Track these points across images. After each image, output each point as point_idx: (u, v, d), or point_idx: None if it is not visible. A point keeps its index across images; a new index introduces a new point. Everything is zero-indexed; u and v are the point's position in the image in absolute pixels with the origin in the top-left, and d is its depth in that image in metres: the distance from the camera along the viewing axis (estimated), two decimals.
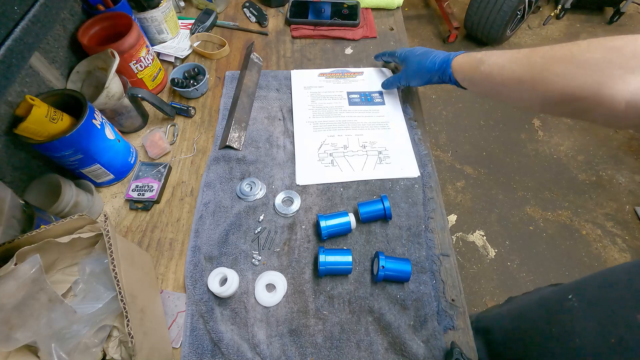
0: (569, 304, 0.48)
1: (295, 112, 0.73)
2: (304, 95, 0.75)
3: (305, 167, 0.66)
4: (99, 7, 0.68)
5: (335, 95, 0.76)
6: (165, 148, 0.67)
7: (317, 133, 0.70)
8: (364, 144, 0.69)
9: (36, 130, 0.49)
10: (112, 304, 0.44)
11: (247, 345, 0.49)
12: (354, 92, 0.76)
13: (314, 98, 0.75)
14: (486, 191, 1.63)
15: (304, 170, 0.65)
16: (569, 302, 0.48)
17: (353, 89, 0.76)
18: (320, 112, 0.73)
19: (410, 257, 0.56)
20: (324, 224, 0.55)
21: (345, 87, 0.77)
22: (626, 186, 1.65)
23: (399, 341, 0.49)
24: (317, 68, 0.81)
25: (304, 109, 0.73)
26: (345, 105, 0.74)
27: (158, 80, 0.76)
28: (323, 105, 0.74)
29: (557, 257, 1.45)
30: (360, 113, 0.73)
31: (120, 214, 0.61)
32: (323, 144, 0.69)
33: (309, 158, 0.67)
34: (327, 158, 0.67)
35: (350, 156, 0.67)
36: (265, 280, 0.54)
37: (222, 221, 0.59)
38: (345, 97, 0.75)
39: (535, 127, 1.87)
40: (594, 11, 2.44)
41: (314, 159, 0.67)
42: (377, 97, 0.75)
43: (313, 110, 0.73)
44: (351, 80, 0.78)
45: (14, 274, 0.38)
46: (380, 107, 0.74)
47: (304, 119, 0.72)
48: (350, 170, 0.65)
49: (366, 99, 0.75)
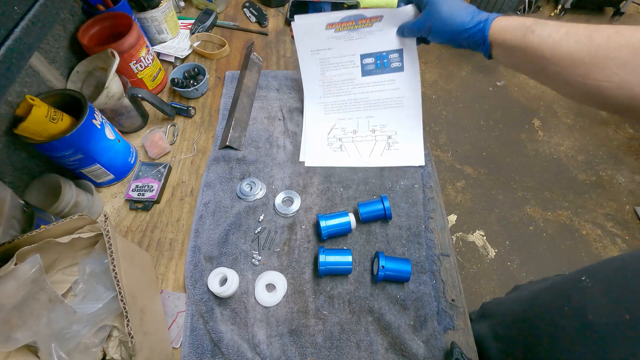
0: (582, 284, 0.48)
1: (306, 88, 0.69)
2: (312, 63, 0.66)
3: (314, 149, 0.66)
4: (99, 7, 0.68)
5: (347, 61, 0.65)
6: (165, 148, 0.67)
7: (328, 115, 0.69)
8: (374, 128, 0.67)
9: (36, 130, 0.49)
10: (112, 304, 0.44)
11: (247, 345, 0.49)
12: (369, 55, 0.64)
13: (324, 68, 0.66)
14: (486, 191, 1.63)
15: (312, 152, 0.66)
16: (582, 282, 0.48)
17: (369, 46, 0.63)
18: (332, 89, 0.67)
19: (410, 257, 0.56)
20: (324, 224, 0.55)
21: (358, 44, 0.63)
22: (626, 186, 1.65)
23: (399, 341, 0.49)
24: None
25: (315, 84, 0.68)
26: (358, 77, 0.66)
27: (158, 80, 0.76)
28: (334, 78, 0.67)
29: (557, 257, 1.45)
30: (374, 86, 0.66)
31: (120, 214, 0.61)
32: (333, 128, 0.68)
33: (318, 141, 0.67)
34: (336, 143, 0.67)
35: (359, 141, 0.67)
36: (265, 280, 0.54)
37: (222, 221, 0.59)
38: (358, 63, 0.65)
39: (535, 127, 1.87)
40: (594, 11, 2.44)
41: (323, 143, 0.67)
42: (396, 59, 0.63)
43: (324, 86, 0.68)
44: (367, 32, 0.62)
45: (14, 274, 0.38)
46: (398, 75, 0.64)
47: (315, 99, 0.69)
48: (357, 156, 0.66)
49: (382, 64, 0.64)
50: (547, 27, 0.42)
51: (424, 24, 0.54)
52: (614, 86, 0.36)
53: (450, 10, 0.50)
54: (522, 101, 1.98)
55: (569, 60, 0.39)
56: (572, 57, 0.39)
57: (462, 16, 0.49)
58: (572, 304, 0.48)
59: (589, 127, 1.87)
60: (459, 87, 2.04)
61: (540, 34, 0.42)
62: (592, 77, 0.38)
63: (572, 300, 0.48)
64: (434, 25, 0.52)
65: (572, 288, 0.50)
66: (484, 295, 1.35)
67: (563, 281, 0.54)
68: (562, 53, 0.40)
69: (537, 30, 0.42)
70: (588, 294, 0.46)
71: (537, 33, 0.42)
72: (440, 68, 2.12)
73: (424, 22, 0.54)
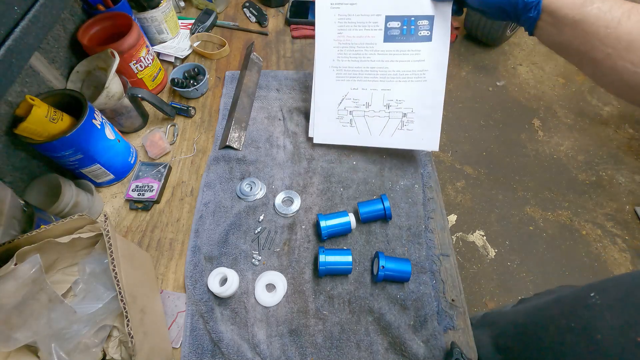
0: (591, 301, 0.46)
1: (318, 47, 0.62)
2: (330, 18, 0.60)
3: (323, 124, 0.63)
4: (99, 7, 0.68)
5: (369, 21, 0.59)
6: (165, 148, 0.67)
7: (339, 83, 0.62)
8: (389, 103, 0.61)
9: (36, 130, 0.49)
10: (112, 304, 0.44)
11: (247, 345, 0.49)
12: (396, 17, 0.58)
13: (342, 26, 0.60)
14: (486, 191, 1.63)
15: (321, 127, 0.63)
16: (591, 299, 0.46)
17: (397, 6, 0.57)
18: (347, 52, 0.61)
19: (410, 257, 0.56)
20: (324, 224, 0.55)
21: (386, 3, 0.58)
22: (626, 186, 1.65)
23: (399, 341, 0.49)
24: None
25: (329, 45, 0.61)
26: (379, 42, 0.59)
27: (158, 80, 0.76)
28: (352, 40, 0.60)
29: (557, 257, 1.45)
30: (395, 55, 0.59)
31: (120, 214, 0.61)
32: (344, 98, 0.62)
33: (327, 114, 0.63)
34: (347, 117, 0.63)
35: (371, 117, 0.62)
36: (265, 280, 0.54)
37: (222, 221, 0.59)
38: (382, 26, 0.58)
39: (535, 127, 1.87)
40: None
41: (333, 116, 0.64)
42: (425, 26, 0.57)
43: (339, 48, 0.61)
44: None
45: (14, 274, 0.38)
46: (424, 45, 0.58)
47: (327, 62, 0.62)
48: (367, 133, 0.63)
49: (409, 30, 0.58)
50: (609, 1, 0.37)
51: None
52: None
53: None
54: (522, 101, 1.98)
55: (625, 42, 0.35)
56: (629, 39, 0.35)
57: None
58: (579, 320, 0.46)
59: (589, 127, 1.87)
60: (459, 87, 2.04)
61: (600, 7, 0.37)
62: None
63: (580, 316, 0.47)
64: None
65: (580, 304, 0.48)
66: (484, 295, 1.35)
67: (571, 295, 0.53)
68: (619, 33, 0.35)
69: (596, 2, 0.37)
70: (597, 312, 0.45)
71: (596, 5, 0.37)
72: None
73: None
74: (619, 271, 1.42)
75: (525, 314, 0.60)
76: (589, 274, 1.41)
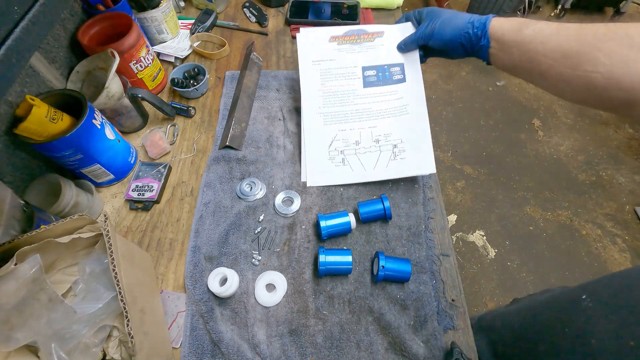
0: (584, 304, 0.46)
1: (304, 98, 0.65)
2: (312, 73, 0.66)
3: (315, 167, 0.63)
4: (99, 7, 0.68)
5: (348, 72, 0.65)
6: (165, 148, 0.67)
7: (328, 127, 0.64)
8: (378, 138, 0.63)
9: (36, 130, 0.49)
10: (112, 304, 0.44)
11: (247, 345, 0.49)
12: (371, 67, 0.64)
13: (325, 78, 0.65)
14: (486, 191, 1.63)
15: (314, 170, 0.63)
16: (583, 302, 0.46)
17: (370, 59, 0.65)
18: (332, 100, 0.65)
19: (410, 257, 0.56)
20: (324, 224, 0.55)
21: (361, 57, 0.65)
22: (626, 186, 1.65)
23: (399, 341, 0.49)
24: None
25: (314, 95, 0.65)
26: (359, 88, 0.64)
27: (158, 80, 0.76)
28: (334, 88, 0.65)
29: (557, 257, 1.45)
30: (376, 97, 0.64)
31: (120, 214, 0.61)
32: (334, 140, 0.64)
33: (319, 157, 0.64)
34: (338, 156, 0.63)
35: (363, 153, 0.63)
36: (265, 280, 0.54)
37: (222, 221, 0.59)
38: (360, 75, 0.65)
39: (535, 127, 1.87)
40: (594, 11, 2.45)
41: (324, 158, 0.64)
42: (397, 72, 0.64)
43: (324, 97, 0.65)
44: (368, 47, 0.65)
45: (14, 274, 0.38)
46: (400, 86, 0.64)
47: (314, 109, 0.65)
48: (361, 170, 0.63)
49: (384, 76, 0.64)
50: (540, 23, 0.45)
51: (424, 30, 0.57)
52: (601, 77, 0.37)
53: (451, 14, 0.54)
54: (522, 101, 1.98)
55: (559, 52, 0.41)
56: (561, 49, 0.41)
57: (463, 16, 0.53)
58: (573, 326, 0.46)
59: (589, 127, 1.87)
60: (459, 87, 2.04)
61: (534, 28, 0.45)
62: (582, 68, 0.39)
63: (574, 322, 0.46)
64: (434, 31, 0.55)
65: (572, 307, 0.48)
66: (484, 295, 1.36)
67: (563, 298, 0.53)
68: (552, 45, 0.42)
69: (531, 25, 0.45)
70: (590, 316, 0.45)
71: (531, 28, 0.45)
72: (440, 68, 2.12)
73: (425, 28, 0.57)
74: None
75: (519, 315, 0.60)
76: (589, 274, 1.41)
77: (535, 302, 0.60)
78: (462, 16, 0.53)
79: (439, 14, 0.55)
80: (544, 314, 0.54)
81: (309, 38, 0.66)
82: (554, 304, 0.54)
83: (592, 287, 0.49)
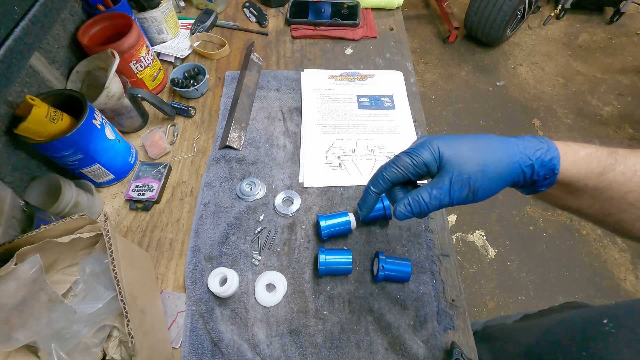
0: (605, 329, 0.42)
1: (305, 113, 0.73)
2: (313, 97, 0.75)
3: (312, 169, 0.65)
4: (99, 7, 0.68)
5: (345, 98, 0.76)
6: (165, 148, 0.67)
7: (325, 135, 0.70)
8: (373, 149, 0.68)
9: (36, 130, 0.49)
10: (112, 304, 0.44)
11: (247, 345, 0.49)
12: (364, 96, 0.76)
13: (324, 100, 0.75)
14: None
15: (311, 171, 0.65)
16: (605, 326, 0.43)
17: (363, 92, 0.77)
18: (330, 115, 0.73)
19: (410, 257, 0.56)
20: (324, 224, 0.55)
21: (355, 90, 0.77)
22: None
23: (399, 341, 0.49)
24: (326, 69, 0.81)
25: (313, 111, 0.73)
26: (354, 109, 0.74)
27: (158, 80, 0.76)
28: (332, 107, 0.74)
29: (557, 257, 1.45)
30: (370, 117, 0.73)
31: (120, 214, 0.61)
32: (331, 146, 0.68)
33: (316, 160, 0.67)
34: (335, 161, 0.67)
35: (359, 160, 0.67)
36: (265, 280, 0.54)
37: (222, 221, 0.59)
38: (354, 100, 0.75)
39: (535, 127, 1.87)
40: (594, 11, 2.45)
41: (322, 161, 0.67)
42: (387, 101, 0.75)
43: (322, 112, 0.73)
44: (361, 84, 0.78)
45: (14, 274, 0.38)
46: (390, 111, 0.74)
47: (313, 121, 0.72)
48: (357, 174, 0.65)
49: (376, 102, 0.75)
50: (630, 160, 0.34)
51: (458, 195, 0.35)
52: None
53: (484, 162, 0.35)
54: (522, 101, 1.98)
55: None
56: None
57: (502, 158, 0.35)
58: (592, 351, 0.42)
59: (589, 127, 1.87)
60: (459, 87, 2.04)
61: (624, 172, 0.34)
62: None
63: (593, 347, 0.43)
64: (477, 190, 0.35)
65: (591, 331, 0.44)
66: (484, 295, 1.36)
67: (580, 319, 0.49)
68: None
69: (618, 166, 0.34)
70: (612, 344, 0.41)
71: (619, 170, 0.34)
72: (440, 68, 2.12)
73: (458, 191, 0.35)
74: (618, 271, 1.42)
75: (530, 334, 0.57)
76: (589, 274, 1.41)
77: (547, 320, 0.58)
78: (502, 158, 0.35)
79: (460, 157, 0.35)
80: (558, 333, 0.51)
81: (311, 75, 0.79)
82: (570, 324, 0.50)
83: (614, 311, 0.45)
